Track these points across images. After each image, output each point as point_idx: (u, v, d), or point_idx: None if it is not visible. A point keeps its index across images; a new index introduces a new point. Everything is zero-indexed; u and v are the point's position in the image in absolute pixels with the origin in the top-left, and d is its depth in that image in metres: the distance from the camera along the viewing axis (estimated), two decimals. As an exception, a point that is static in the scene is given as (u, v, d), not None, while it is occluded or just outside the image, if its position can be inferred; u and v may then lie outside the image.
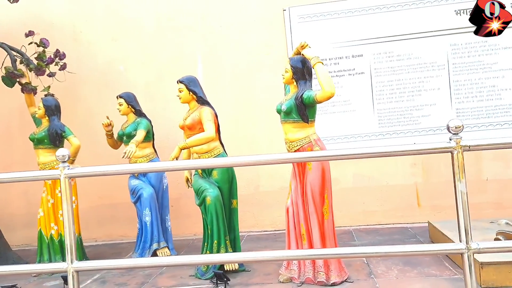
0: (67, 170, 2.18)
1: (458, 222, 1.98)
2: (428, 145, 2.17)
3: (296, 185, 3.19)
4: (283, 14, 5.02)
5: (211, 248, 3.43)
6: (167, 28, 5.19)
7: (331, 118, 4.96)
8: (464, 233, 1.97)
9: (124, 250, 4.78)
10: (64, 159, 2.19)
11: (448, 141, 2.03)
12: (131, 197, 4.24)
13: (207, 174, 3.56)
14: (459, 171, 1.97)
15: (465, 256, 1.97)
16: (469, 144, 1.99)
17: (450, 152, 2.02)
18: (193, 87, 3.58)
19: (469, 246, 1.96)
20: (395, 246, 2.47)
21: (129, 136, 4.18)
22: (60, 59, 4.58)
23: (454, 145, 1.99)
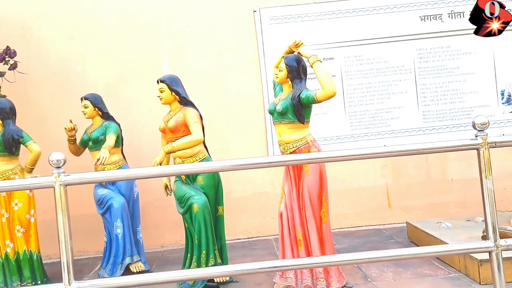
0: (63, 176, 1.88)
1: (486, 219, 1.95)
2: (454, 143, 2.15)
3: (290, 189, 3.06)
4: (253, 15, 4.90)
5: (198, 259, 3.19)
6: (130, 26, 4.86)
7: (303, 121, 4.89)
8: (491, 231, 1.94)
9: (86, 267, 4.37)
10: (59, 165, 1.89)
11: (473, 138, 1.99)
12: (98, 208, 3.88)
13: (191, 180, 3.32)
14: (486, 169, 1.95)
15: (493, 254, 1.94)
16: (495, 140, 1.97)
17: (476, 149, 1.98)
18: (176, 86, 3.34)
19: (498, 244, 1.93)
20: (412, 248, 2.41)
21: (95, 141, 3.82)
22: (10, 57, 4.12)
23: (480, 142, 1.96)
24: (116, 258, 3.73)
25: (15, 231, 3.64)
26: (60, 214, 1.89)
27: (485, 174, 1.96)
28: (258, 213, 4.96)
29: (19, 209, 3.63)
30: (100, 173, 2.02)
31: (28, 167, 3.68)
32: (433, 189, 4.97)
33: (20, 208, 3.63)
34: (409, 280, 3.03)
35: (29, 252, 3.68)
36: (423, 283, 2.95)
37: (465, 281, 2.92)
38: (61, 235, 1.90)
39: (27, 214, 3.67)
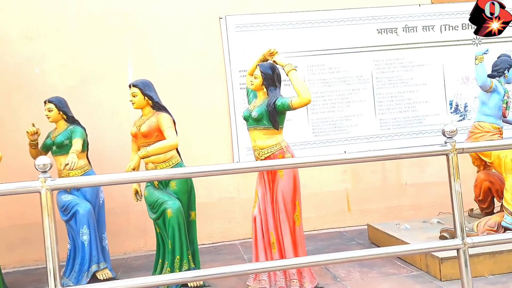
0: (50, 181, 1.84)
1: (454, 219, 2.13)
2: (425, 149, 2.31)
3: (264, 193, 3.13)
4: (219, 22, 4.96)
5: (172, 264, 3.18)
6: (93, 28, 4.75)
7: (268, 127, 5.00)
8: (459, 230, 2.11)
9: (44, 277, 4.16)
10: (45, 169, 1.85)
11: (442, 144, 2.17)
12: (62, 214, 3.75)
13: (164, 185, 3.31)
14: (454, 172, 2.12)
15: (461, 252, 2.12)
16: (462, 147, 2.15)
17: (445, 155, 2.16)
18: (149, 91, 3.32)
19: (465, 242, 2.11)
20: (385, 248, 2.55)
21: (60, 145, 3.71)
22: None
23: (450, 148, 2.14)
24: (82, 266, 3.63)
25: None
26: (47, 219, 1.85)
27: (454, 177, 2.14)
28: (223, 218, 5.00)
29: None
30: (86, 178, 1.99)
31: (-13, 173, 3.50)
32: (389, 193, 5.24)
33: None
34: (376, 279, 3.20)
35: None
36: (389, 281, 3.12)
37: (427, 278, 3.13)
38: (47, 240, 1.85)
39: (-15, 222, 3.48)
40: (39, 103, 4.52)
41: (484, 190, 3.95)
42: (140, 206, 4.78)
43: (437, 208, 5.25)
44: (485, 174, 3.95)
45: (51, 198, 1.87)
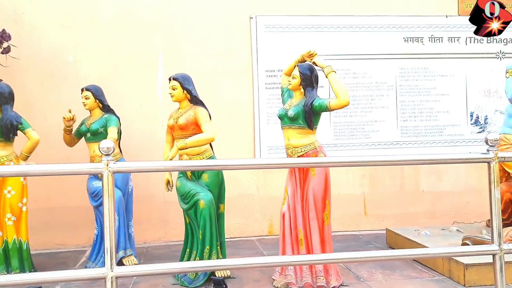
0: (112, 164, 1.93)
1: (492, 225, 2.20)
2: (468, 155, 2.39)
3: (294, 191, 3.21)
4: (249, 22, 5.04)
5: (201, 254, 3.27)
6: (126, 21, 4.84)
7: (291, 128, 5.08)
8: (497, 236, 2.19)
9: (69, 260, 4.29)
10: (109, 152, 1.94)
11: (485, 152, 2.24)
12: (92, 200, 3.84)
13: (196, 177, 3.40)
14: (494, 180, 2.20)
15: (497, 257, 2.19)
16: (504, 155, 2.23)
17: (487, 163, 2.23)
18: (188, 85, 3.41)
19: (502, 248, 2.18)
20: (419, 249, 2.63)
21: (94, 133, 3.80)
22: (5, 40, 4.01)
23: (492, 156, 2.21)
24: (109, 251, 3.70)
25: (5, 219, 3.54)
26: (107, 200, 1.93)
27: (494, 185, 2.21)
28: (241, 214, 5.07)
29: (12, 197, 3.53)
30: (146, 163, 2.07)
31: (24, 154, 3.60)
32: (405, 200, 5.31)
33: (12, 195, 3.54)
34: (399, 281, 3.27)
35: (18, 241, 3.58)
36: (413, 284, 3.19)
37: (450, 283, 3.20)
38: (106, 220, 1.94)
39: (19, 203, 3.58)
40: (70, 90, 4.66)
41: (505, 201, 4.01)
42: (162, 197, 4.88)
43: (451, 217, 5.32)
44: (507, 186, 4.01)
45: (112, 180, 1.95)
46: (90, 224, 4.70)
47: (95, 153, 3.82)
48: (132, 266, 2.80)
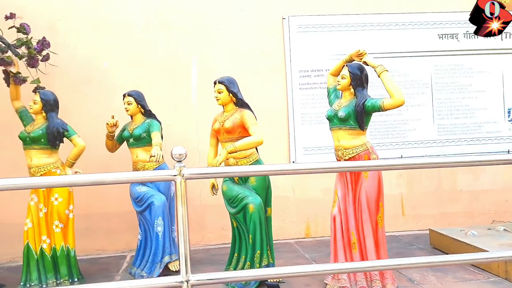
0: (185, 170, 1.90)
1: None
2: None
3: (345, 193, 3.17)
4: (282, 23, 5.01)
5: (252, 258, 3.23)
6: (159, 25, 4.84)
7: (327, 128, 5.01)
8: None
9: (110, 265, 4.29)
10: (181, 158, 1.91)
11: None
12: (136, 205, 3.83)
13: (243, 180, 3.37)
14: None
15: None
16: None
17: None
18: (233, 88, 3.39)
19: None
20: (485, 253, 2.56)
21: (137, 138, 3.79)
22: (44, 48, 4.02)
23: None
24: (155, 257, 3.70)
25: (53, 226, 3.55)
26: (180, 206, 1.90)
27: None
28: (277, 217, 5.02)
29: (59, 204, 3.54)
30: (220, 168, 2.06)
31: (70, 161, 3.60)
32: (443, 199, 5.22)
33: (60, 203, 3.54)
34: (454, 284, 3.21)
35: (66, 248, 3.59)
36: (469, 286, 3.12)
37: (507, 284, 3.12)
38: (180, 227, 1.91)
39: (66, 210, 3.59)
40: (106, 96, 4.69)
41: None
42: (199, 201, 4.87)
43: (491, 216, 5.23)
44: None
45: (185, 186, 1.93)
46: (128, 229, 4.73)
47: (138, 158, 3.81)
48: (208, 273, 2.77)
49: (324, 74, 5.06)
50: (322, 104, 5.07)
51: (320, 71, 5.05)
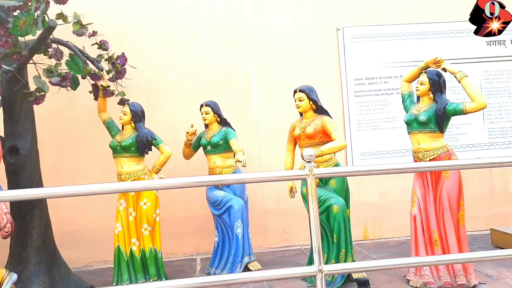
0: (315, 170, 2.11)
1: None
2: None
3: (425, 193, 3.34)
4: (336, 33, 5.23)
5: (337, 257, 3.41)
6: (220, 39, 5.10)
7: (381, 133, 5.22)
8: None
9: (184, 267, 4.49)
10: (311, 159, 2.12)
11: None
12: (214, 209, 4.04)
13: (324, 183, 3.56)
14: None
15: None
16: None
17: None
18: (313, 96, 3.60)
19: None
20: None
21: (215, 146, 4.01)
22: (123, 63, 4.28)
23: None
24: (235, 257, 3.89)
25: (142, 229, 3.77)
26: (312, 203, 2.10)
27: None
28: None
29: (148, 208, 3.76)
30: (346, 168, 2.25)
31: (156, 168, 3.83)
32: (495, 201, 5.35)
33: (148, 207, 3.77)
34: (532, 278, 3.34)
35: (154, 250, 3.80)
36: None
37: None
38: (312, 222, 2.10)
39: (154, 213, 3.80)
40: (174, 107, 4.94)
41: None
42: (261, 205, 5.08)
43: (543, 217, 5.33)
44: None
45: (315, 185, 2.13)
46: (195, 233, 4.95)
47: (215, 164, 4.03)
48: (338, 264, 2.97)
49: (377, 81, 5.28)
50: (376, 110, 5.28)
51: (373, 79, 5.25)
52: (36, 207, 3.55)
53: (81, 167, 4.77)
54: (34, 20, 2.69)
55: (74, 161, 4.78)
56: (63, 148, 4.74)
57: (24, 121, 3.55)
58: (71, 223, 4.74)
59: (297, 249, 4.95)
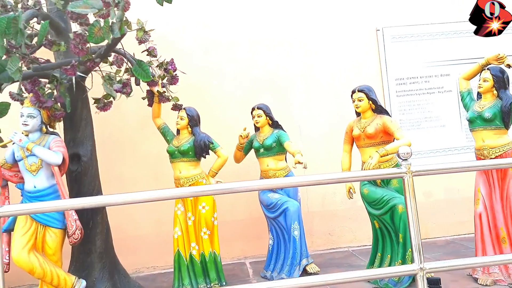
0: (412, 167, 2.10)
1: None
2: None
3: (491, 191, 3.32)
4: (376, 34, 5.23)
5: (403, 256, 3.39)
6: (262, 44, 5.12)
7: (423, 133, 5.20)
8: None
9: (236, 272, 4.46)
10: (407, 157, 2.11)
11: None
12: (269, 212, 4.03)
13: (385, 183, 3.55)
14: None
15: None
16: None
17: None
18: (373, 96, 3.59)
19: None
20: None
21: (268, 148, 4.01)
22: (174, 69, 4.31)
23: None
24: (293, 260, 3.87)
25: (201, 233, 3.77)
26: (409, 201, 2.10)
27: None
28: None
29: (206, 212, 3.77)
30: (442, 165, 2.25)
31: (213, 171, 3.84)
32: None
33: (207, 211, 3.77)
34: None
35: (213, 254, 3.80)
36: None
37: None
38: (410, 219, 2.10)
39: (212, 217, 3.81)
40: (217, 111, 4.95)
41: None
42: (307, 208, 5.06)
43: None
44: None
45: (412, 182, 2.12)
46: (241, 237, 4.94)
47: (269, 167, 4.03)
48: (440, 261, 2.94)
49: (418, 81, 5.27)
50: (418, 110, 5.26)
51: (415, 78, 5.24)
52: (98, 214, 3.57)
53: (128, 173, 4.80)
54: (109, 27, 2.71)
55: (121, 167, 4.81)
56: (111, 154, 4.77)
57: (85, 128, 3.58)
58: (120, 229, 4.76)
59: (344, 251, 4.93)
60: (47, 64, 3.11)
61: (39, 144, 3.17)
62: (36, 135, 3.24)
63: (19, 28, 2.37)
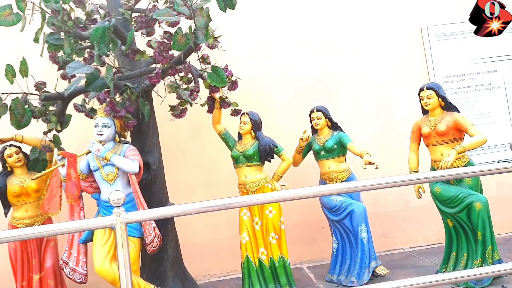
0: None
1: None
2: None
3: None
4: (421, 33, 5.21)
5: (483, 254, 3.34)
6: (309, 46, 5.11)
7: (473, 131, 5.15)
8: None
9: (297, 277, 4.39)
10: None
11: None
12: (333, 215, 3.98)
13: (458, 181, 3.50)
14: None
15: None
16: None
17: None
18: (442, 93, 3.57)
19: None
20: None
21: (329, 150, 3.98)
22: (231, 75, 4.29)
23: None
24: (362, 262, 3.82)
25: (269, 238, 3.73)
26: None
27: None
28: (433, 221, 5.11)
29: (273, 217, 3.74)
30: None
31: (278, 175, 3.81)
32: None
33: (274, 215, 3.74)
34: None
35: (282, 258, 3.76)
36: None
37: None
38: None
39: (279, 221, 3.77)
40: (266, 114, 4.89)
41: None
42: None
43: None
44: None
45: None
46: (297, 242, 4.87)
47: (330, 169, 4.00)
48: None
49: (465, 78, 5.23)
50: (467, 107, 5.21)
51: (462, 76, 5.21)
52: (169, 222, 3.55)
53: (181, 180, 4.77)
54: (193, 33, 2.70)
55: (175, 174, 4.78)
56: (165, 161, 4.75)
57: (152, 137, 3.57)
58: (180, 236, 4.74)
59: (401, 253, 4.87)
60: (130, 73, 3.10)
61: (115, 153, 3.17)
62: (110, 145, 3.23)
63: (113, 38, 2.37)
